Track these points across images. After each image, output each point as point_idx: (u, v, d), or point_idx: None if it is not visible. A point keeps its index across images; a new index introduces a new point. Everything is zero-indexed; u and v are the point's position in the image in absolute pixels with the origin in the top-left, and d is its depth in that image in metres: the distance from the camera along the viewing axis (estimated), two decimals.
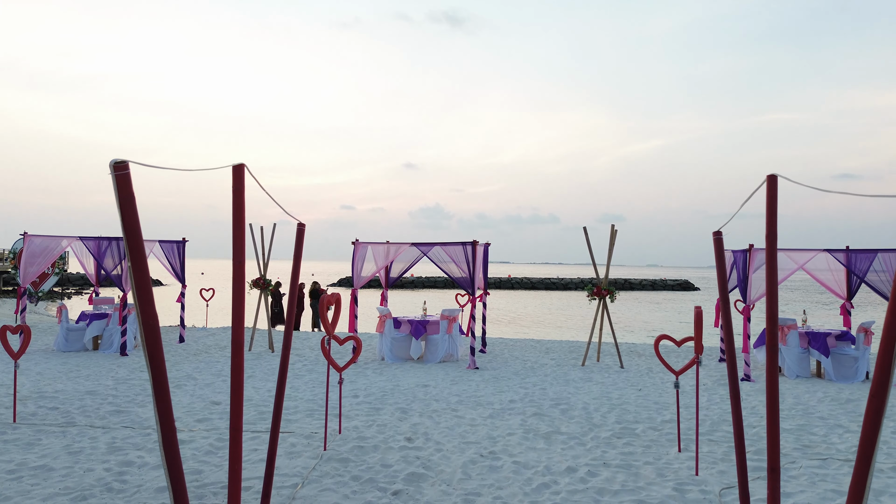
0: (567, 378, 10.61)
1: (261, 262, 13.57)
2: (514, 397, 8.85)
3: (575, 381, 10.29)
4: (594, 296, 12.25)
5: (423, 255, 12.41)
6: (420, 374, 10.75)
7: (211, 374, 10.58)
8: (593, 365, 12.10)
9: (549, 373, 11.09)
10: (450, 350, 12.30)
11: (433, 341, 12.15)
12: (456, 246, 11.67)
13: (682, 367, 6.16)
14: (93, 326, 13.19)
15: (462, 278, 11.67)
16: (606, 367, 11.79)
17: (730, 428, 7.30)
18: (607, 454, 6.23)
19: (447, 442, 6.54)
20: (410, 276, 67.02)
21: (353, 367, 11.42)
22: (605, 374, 11.03)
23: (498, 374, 10.83)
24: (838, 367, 10.79)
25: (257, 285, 13.59)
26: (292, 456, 6.03)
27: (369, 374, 10.81)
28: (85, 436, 6.66)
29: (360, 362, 12.00)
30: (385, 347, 12.28)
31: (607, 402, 8.59)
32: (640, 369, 11.68)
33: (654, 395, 9.17)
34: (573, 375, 10.88)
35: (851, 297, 11.99)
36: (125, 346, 12.56)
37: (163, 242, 14.22)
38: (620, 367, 11.82)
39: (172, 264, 14.36)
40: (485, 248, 13.15)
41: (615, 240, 12.26)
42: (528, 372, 11.16)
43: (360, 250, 12.22)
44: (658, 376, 10.92)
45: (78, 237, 13.10)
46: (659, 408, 8.29)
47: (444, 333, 12.17)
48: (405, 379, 10.30)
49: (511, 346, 15.04)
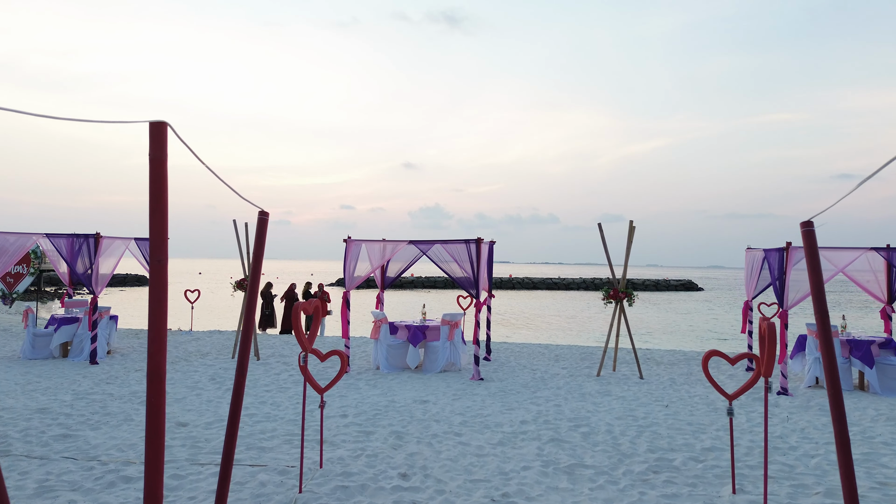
0: (583, 391, 9.49)
1: (246, 262, 12.45)
2: (527, 417, 7.73)
3: (592, 396, 9.17)
4: (610, 299, 11.12)
5: (422, 254, 11.29)
6: (418, 387, 9.63)
7: (185, 386, 9.46)
8: (610, 375, 10.98)
9: (562, 385, 9.97)
10: (451, 359, 11.17)
11: (433, 349, 11.03)
12: (458, 244, 10.54)
13: (738, 391, 5.05)
14: (61, 332, 12.06)
15: (465, 279, 10.55)
16: (624, 378, 10.67)
17: (784, 458, 6.18)
18: (646, 497, 5.10)
19: (450, 480, 5.41)
20: (410, 276, 65.81)
21: (345, 378, 10.30)
22: (624, 387, 9.91)
23: (505, 387, 9.71)
24: (884, 379, 9.67)
25: (242, 287, 12.47)
26: (260, 500, 4.91)
27: (362, 386, 9.69)
28: (15, 470, 5.53)
29: (353, 372, 10.88)
30: (380, 355, 11.15)
31: (634, 424, 7.46)
32: (661, 380, 10.56)
33: (684, 414, 8.05)
34: (589, 388, 9.76)
35: (894, 300, 10.87)
36: (95, 354, 11.44)
37: (140, 240, 13.08)
38: (640, 378, 10.70)
39: None
40: (489, 247, 12.03)
41: (633, 237, 11.13)
42: (539, 384, 10.04)
43: (352, 249, 11.09)
44: (683, 389, 9.80)
45: (44, 234, 11.97)
46: (695, 431, 7.16)
47: (445, 340, 11.05)
48: (402, 392, 9.18)
49: (517, 352, 13.92)
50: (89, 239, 11.78)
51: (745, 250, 11.72)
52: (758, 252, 11.13)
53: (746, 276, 11.57)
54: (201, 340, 15.01)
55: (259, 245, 3.92)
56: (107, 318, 12.35)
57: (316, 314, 5.20)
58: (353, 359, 12.28)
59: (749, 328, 11.65)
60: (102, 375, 10.28)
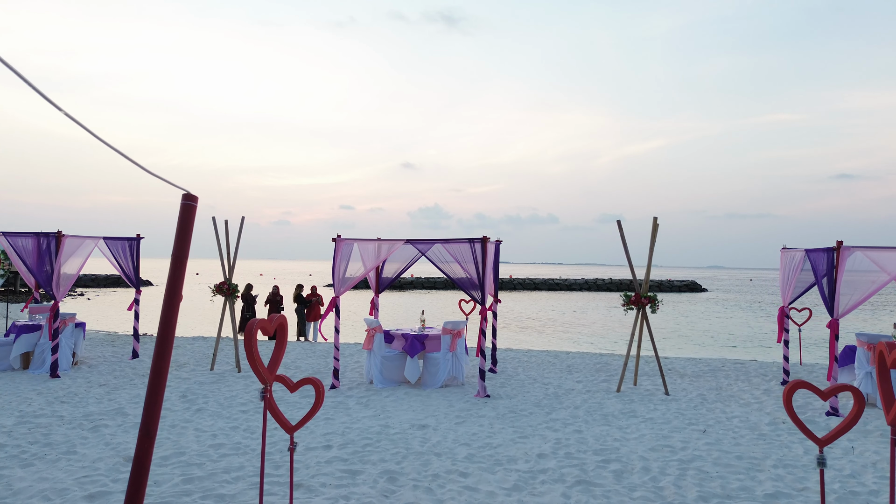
0: (604, 411, 8.30)
1: (226, 263, 11.26)
2: (544, 447, 6.53)
3: (616, 417, 7.98)
4: (631, 305, 9.94)
5: (420, 254, 10.10)
6: (416, 407, 8.44)
7: None
8: (631, 391, 9.79)
9: (580, 403, 8.78)
10: (453, 372, 9.98)
11: (433, 361, 9.83)
12: (462, 244, 9.35)
13: (831, 434, 3.87)
14: (21, 341, 10.86)
15: (468, 282, 9.36)
16: (648, 395, 9.49)
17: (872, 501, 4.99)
18: None
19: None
20: (410, 277, 64.44)
21: (334, 395, 9.12)
22: (649, 405, 8.73)
23: (515, 406, 8.52)
24: None
25: (221, 291, 11.27)
26: None
27: (352, 405, 8.50)
28: None
29: (343, 388, 9.69)
30: (374, 368, 9.96)
31: (672, 457, 6.27)
32: (689, 396, 9.38)
33: (727, 443, 6.86)
34: (611, 407, 8.57)
35: None
36: (56, 367, 10.24)
37: (110, 239, 11.89)
38: (665, 394, 9.52)
39: (123, 265, 12.03)
40: (496, 247, 10.85)
41: (656, 236, 9.96)
42: (553, 401, 8.85)
43: (342, 249, 9.89)
44: (717, 408, 8.61)
45: (2, 232, 10.77)
46: (748, 468, 5.97)
47: (447, 351, 9.86)
48: (397, 414, 7.99)
49: (525, 361, 12.73)
50: (50, 238, 10.59)
51: (781, 251, 10.54)
52: (796, 252, 9.96)
53: (782, 280, 10.39)
54: (181, 349, 13.83)
55: (182, 235, 2.76)
56: (71, 326, 11.15)
57: (281, 333, 4.02)
58: (343, 371, 11.10)
59: (785, 336, 10.46)
60: (59, 392, 9.09)
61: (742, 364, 12.79)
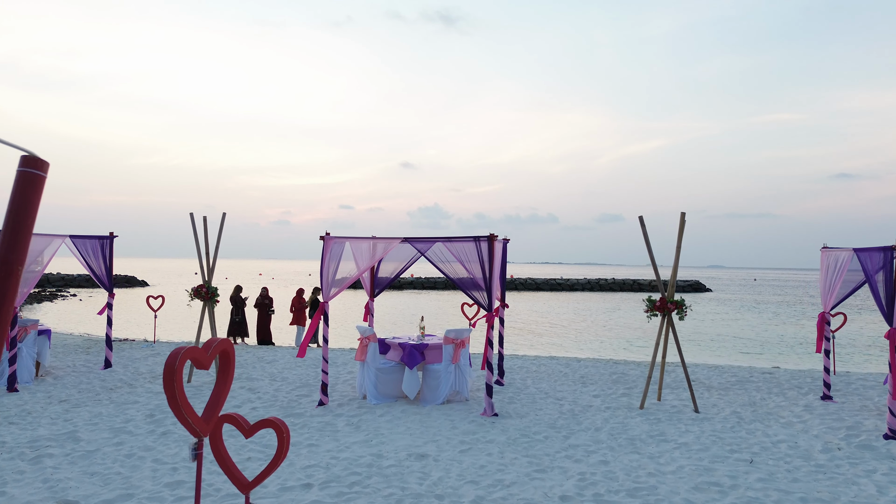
0: (630, 434, 7.24)
1: (204, 263, 10.19)
2: (567, 486, 5.47)
3: (645, 442, 6.91)
4: (655, 311, 8.87)
5: (420, 254, 9.03)
6: (415, 428, 7.37)
7: (109, 429, 7.21)
8: (656, 407, 8.73)
9: (601, 424, 7.72)
10: (456, 386, 8.91)
11: (433, 374, 8.77)
12: (466, 242, 8.27)
13: None
14: None
15: (473, 285, 8.30)
16: (676, 412, 8.42)
17: None
18: None
19: None
20: (410, 277, 63.24)
21: (322, 415, 8.07)
22: (680, 426, 7.67)
23: (527, 428, 7.45)
24: None
25: (199, 295, 10.20)
26: None
27: (341, 426, 7.44)
28: None
29: (332, 405, 8.63)
30: (367, 382, 8.89)
31: (723, 499, 5.20)
32: (722, 414, 8.31)
33: (782, 478, 5.79)
34: (636, 428, 7.51)
35: None
36: (14, 380, 9.18)
37: (78, 238, 10.83)
38: (695, 412, 8.46)
39: (94, 266, 10.97)
40: (503, 246, 9.79)
41: (684, 232, 8.91)
42: (570, 422, 7.79)
43: (331, 248, 8.82)
44: (756, 429, 7.55)
45: None
46: None
47: (449, 363, 8.79)
48: (392, 439, 6.92)
49: (534, 371, 11.67)
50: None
51: (821, 250, 9.47)
52: (841, 253, 8.89)
53: (823, 283, 9.32)
54: (161, 356, 12.77)
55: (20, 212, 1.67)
56: (34, 335, 10.09)
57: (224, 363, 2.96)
58: (335, 383, 10.04)
59: (826, 346, 9.39)
60: (12, 410, 8.03)
61: (770, 374, 11.72)
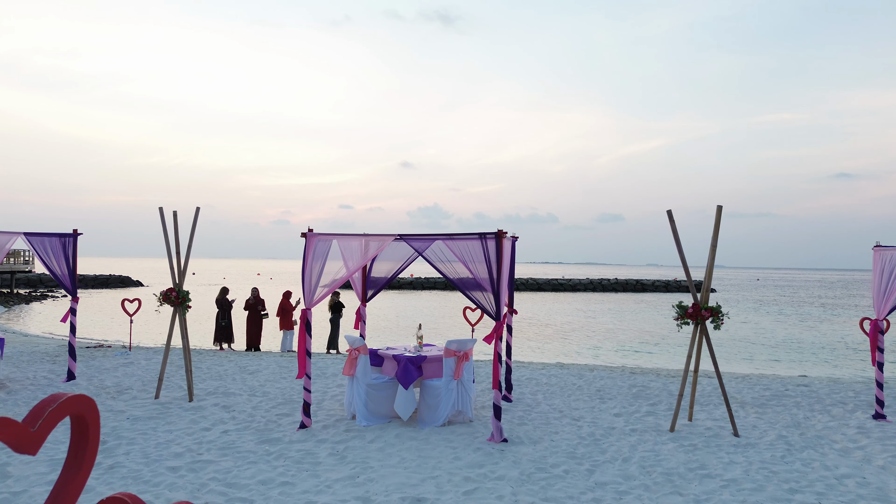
0: (666, 466, 6.10)
1: (175, 263, 9.04)
2: None
3: (685, 479, 5.77)
4: (688, 319, 7.72)
5: (418, 254, 7.89)
6: (410, 461, 6.22)
7: (52, 458, 6.05)
8: (688, 429, 7.59)
9: (629, 452, 6.57)
10: (458, 405, 7.75)
11: (433, 391, 7.62)
12: (470, 240, 7.13)
13: None
14: None
15: (478, 289, 7.16)
16: (713, 436, 7.28)
17: None
18: None
19: None
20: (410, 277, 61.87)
21: (302, 440, 6.92)
22: (721, 454, 6.53)
23: (543, 459, 6.30)
24: None
25: (169, 300, 9.05)
26: None
27: (323, 457, 6.29)
28: None
29: (316, 427, 7.48)
30: (357, 400, 7.75)
31: None
32: (767, 439, 7.17)
33: None
34: (672, 459, 6.37)
35: None
36: None
37: (34, 235, 9.68)
38: (734, 435, 7.32)
39: (54, 267, 9.81)
40: (512, 245, 8.65)
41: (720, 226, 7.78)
42: (593, 449, 6.64)
43: (314, 247, 7.66)
44: (812, 458, 6.41)
45: None
46: None
47: (450, 379, 7.64)
48: (383, 474, 5.77)
49: (544, 383, 10.52)
50: None
51: (873, 249, 8.33)
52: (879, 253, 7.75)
53: (876, 286, 8.17)
54: (134, 365, 11.62)
55: None
56: None
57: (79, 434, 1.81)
58: (321, 399, 8.90)
59: (880, 358, 8.24)
60: None
61: (806, 386, 10.58)
